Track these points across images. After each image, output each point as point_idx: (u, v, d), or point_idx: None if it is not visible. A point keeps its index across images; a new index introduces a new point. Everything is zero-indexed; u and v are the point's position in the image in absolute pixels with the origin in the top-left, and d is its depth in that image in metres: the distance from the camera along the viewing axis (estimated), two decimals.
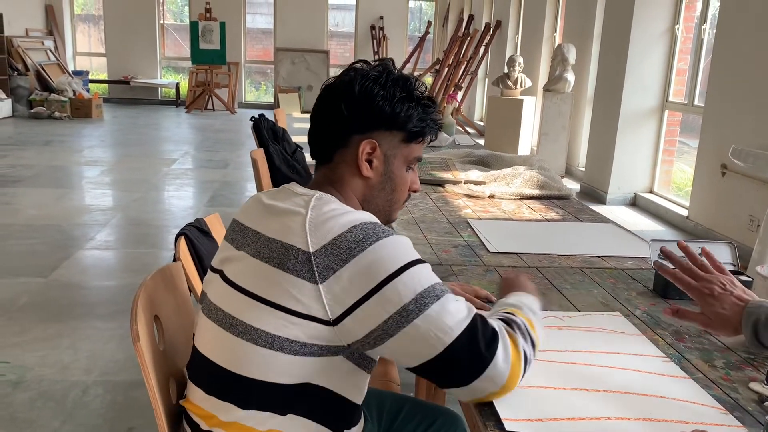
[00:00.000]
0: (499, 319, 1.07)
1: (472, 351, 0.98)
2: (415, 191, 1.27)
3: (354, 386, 1.10)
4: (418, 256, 1.04)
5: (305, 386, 1.06)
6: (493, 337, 1.00)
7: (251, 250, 1.09)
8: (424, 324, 0.98)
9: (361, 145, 1.16)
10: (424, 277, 1.02)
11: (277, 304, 1.04)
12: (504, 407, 1.01)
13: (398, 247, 1.03)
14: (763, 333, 1.02)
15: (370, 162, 1.17)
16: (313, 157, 1.23)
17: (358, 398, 1.13)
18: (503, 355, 0.99)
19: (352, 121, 1.16)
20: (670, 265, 1.15)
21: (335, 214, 1.05)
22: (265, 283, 1.06)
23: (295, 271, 1.03)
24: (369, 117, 1.16)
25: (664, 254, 1.15)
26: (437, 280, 1.03)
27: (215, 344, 1.12)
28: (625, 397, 1.06)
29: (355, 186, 1.19)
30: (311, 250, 1.02)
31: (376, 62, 1.20)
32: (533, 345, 1.06)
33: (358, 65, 1.19)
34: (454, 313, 1.00)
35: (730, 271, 1.54)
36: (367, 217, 1.07)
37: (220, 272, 1.13)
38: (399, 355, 1.03)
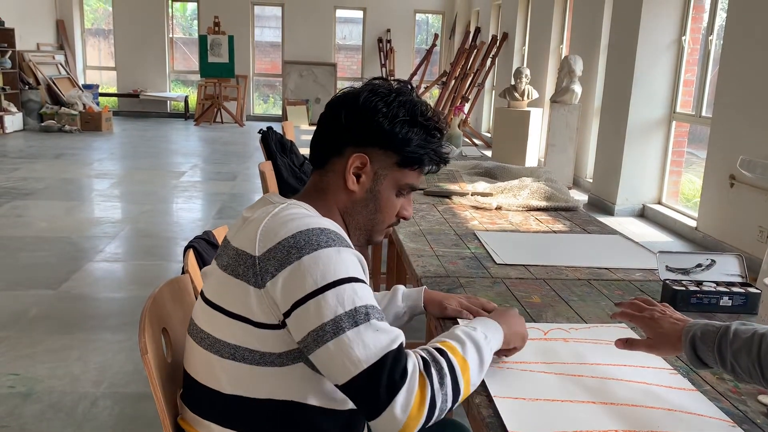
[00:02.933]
0: (423, 356, 1.00)
1: (371, 393, 0.94)
2: (404, 218, 1.24)
3: (332, 396, 1.08)
4: (353, 274, 1.01)
5: (283, 404, 1.06)
6: (399, 381, 0.94)
7: (220, 262, 1.10)
8: (336, 349, 0.96)
9: (352, 157, 1.15)
10: (350, 298, 0.98)
11: (231, 312, 1.05)
12: (512, 420, 1.01)
13: (334, 260, 1.00)
14: (700, 346, 1.04)
15: (358, 176, 1.16)
16: (310, 160, 1.23)
17: (346, 405, 1.11)
18: (402, 404, 0.93)
19: (349, 131, 1.16)
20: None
21: (288, 219, 1.04)
22: (223, 292, 1.07)
23: (244, 277, 1.04)
24: (365, 131, 1.15)
25: (617, 305, 1.27)
26: (366, 302, 0.99)
27: (193, 360, 1.13)
28: (633, 410, 1.06)
29: (338, 197, 1.18)
30: (257, 254, 1.03)
31: (395, 81, 1.19)
32: (456, 391, 0.99)
33: (376, 81, 1.19)
34: (368, 345, 0.95)
35: (739, 283, 1.54)
36: (321, 223, 1.05)
37: (202, 290, 1.15)
38: (321, 371, 1.01)
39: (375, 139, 1.15)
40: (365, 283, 1.04)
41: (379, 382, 0.94)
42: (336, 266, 1.00)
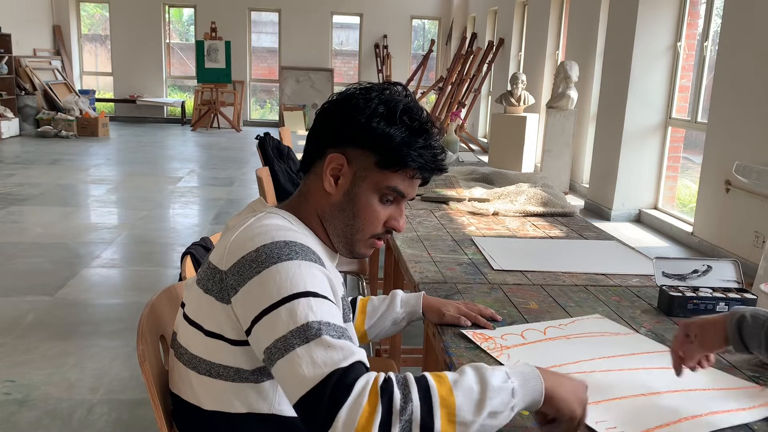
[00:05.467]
0: (389, 376, 0.89)
1: (315, 411, 0.87)
2: (394, 229, 1.14)
3: None
4: (311, 288, 0.96)
5: (265, 417, 1.05)
6: (342, 396, 0.86)
7: (198, 275, 1.09)
8: (286, 367, 0.91)
9: (328, 157, 1.10)
10: (303, 313, 0.93)
11: (207, 330, 1.04)
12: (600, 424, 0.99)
13: (293, 273, 0.97)
14: (747, 327, 1.03)
15: (338, 178, 1.11)
16: (299, 167, 1.21)
17: None
18: (345, 420, 0.84)
19: (327, 131, 1.12)
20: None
21: (258, 233, 1.02)
22: (199, 308, 1.06)
23: (212, 291, 1.03)
24: (343, 129, 1.09)
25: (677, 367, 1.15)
26: (320, 318, 0.93)
27: (174, 375, 1.13)
28: (681, 396, 1.08)
29: (317, 201, 1.14)
30: (224, 268, 1.01)
31: (388, 83, 1.14)
32: (427, 425, 0.86)
33: (369, 83, 1.15)
34: (317, 363, 0.89)
35: (735, 288, 1.55)
36: (288, 236, 1.02)
37: (183, 301, 1.14)
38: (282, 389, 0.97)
39: (352, 137, 1.08)
40: (326, 298, 0.98)
41: (322, 399, 0.87)
42: (293, 280, 0.96)
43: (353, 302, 1.43)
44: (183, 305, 1.12)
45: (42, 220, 5.30)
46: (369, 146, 1.08)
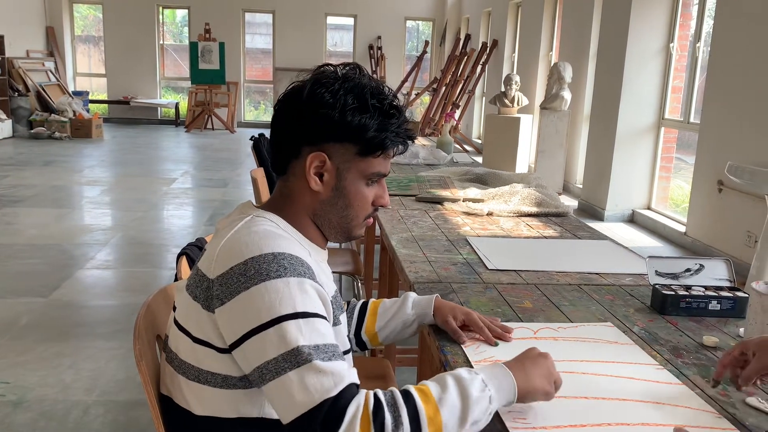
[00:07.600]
0: (379, 398, 0.93)
1: None
2: (382, 206, 1.18)
3: None
4: (300, 308, 0.97)
5: (256, 421, 1.05)
6: (334, 426, 0.90)
7: (188, 280, 1.09)
8: (277, 390, 0.94)
9: (309, 157, 1.09)
10: (293, 336, 0.94)
11: (195, 337, 1.04)
12: (508, 416, 1.03)
13: (281, 293, 0.96)
14: None
15: (321, 175, 1.11)
16: (272, 167, 1.19)
17: None
18: None
19: (300, 130, 1.10)
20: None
21: (245, 242, 1.01)
22: (185, 312, 1.06)
23: (200, 299, 1.03)
24: (316, 126, 1.08)
25: (716, 379, 1.13)
26: (310, 341, 0.95)
27: (165, 378, 1.13)
28: (623, 404, 1.09)
29: (304, 201, 1.13)
30: (212, 277, 1.01)
31: (342, 65, 1.13)
32: None
33: (322, 68, 1.13)
34: (308, 389, 0.92)
35: (727, 287, 1.56)
36: (277, 247, 1.01)
37: (175, 304, 1.14)
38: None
39: (328, 133, 1.08)
40: (315, 315, 0.99)
41: (314, 426, 0.90)
42: (283, 300, 0.96)
43: (364, 306, 1.40)
44: (174, 308, 1.12)
45: (36, 222, 5.29)
46: (348, 139, 1.09)
